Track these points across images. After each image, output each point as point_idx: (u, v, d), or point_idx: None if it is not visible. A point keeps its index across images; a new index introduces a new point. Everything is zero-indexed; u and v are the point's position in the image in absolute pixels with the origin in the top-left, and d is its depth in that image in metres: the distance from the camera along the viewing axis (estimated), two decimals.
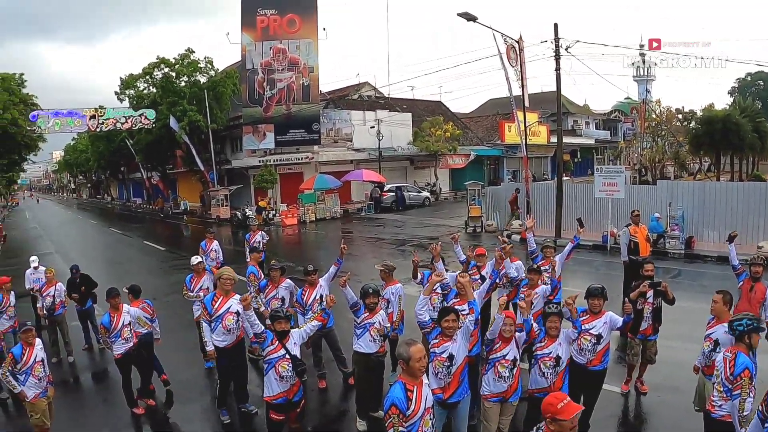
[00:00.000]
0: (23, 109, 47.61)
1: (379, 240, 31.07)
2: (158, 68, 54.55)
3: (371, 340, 9.22)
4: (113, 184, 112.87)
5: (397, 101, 59.74)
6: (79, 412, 11.30)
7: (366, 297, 9.14)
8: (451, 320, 7.31)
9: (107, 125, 47.21)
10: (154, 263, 28.39)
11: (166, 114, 50.03)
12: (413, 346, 5.87)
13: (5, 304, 12.73)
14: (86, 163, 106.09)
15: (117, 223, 56.52)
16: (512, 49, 27.38)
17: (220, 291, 9.96)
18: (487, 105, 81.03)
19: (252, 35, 48.22)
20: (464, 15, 25.14)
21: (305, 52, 48.44)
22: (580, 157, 72.58)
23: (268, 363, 8.01)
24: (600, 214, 25.79)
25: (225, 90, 52.59)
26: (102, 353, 14.48)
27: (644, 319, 9.89)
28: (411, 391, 5.85)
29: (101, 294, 14.49)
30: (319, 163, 50.01)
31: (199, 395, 11.46)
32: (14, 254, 34.12)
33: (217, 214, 49.16)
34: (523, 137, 29.87)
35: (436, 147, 53.17)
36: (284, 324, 8.12)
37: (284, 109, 48.26)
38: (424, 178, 57.82)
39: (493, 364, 7.69)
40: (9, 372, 8.82)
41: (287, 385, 7.97)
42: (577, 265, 19.92)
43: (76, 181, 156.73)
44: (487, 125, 68.54)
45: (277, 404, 8.07)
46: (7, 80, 48.90)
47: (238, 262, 18.76)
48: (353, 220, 42.78)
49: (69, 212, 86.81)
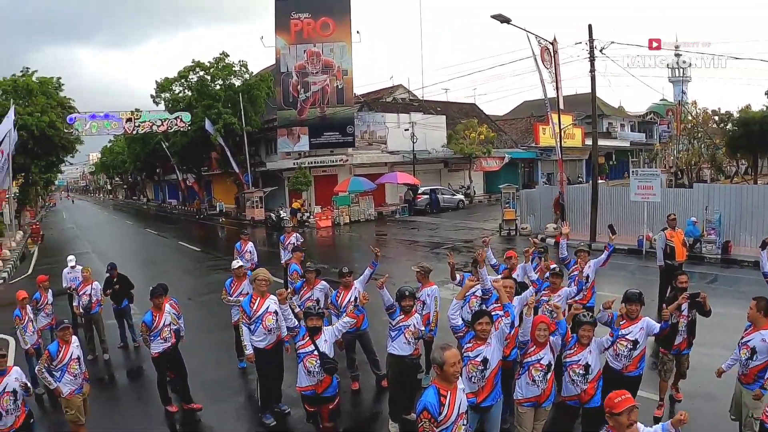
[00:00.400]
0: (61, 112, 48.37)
1: (413, 243, 30.99)
2: (193, 72, 54.90)
3: (406, 343, 9.18)
4: (149, 186, 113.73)
5: (431, 104, 59.57)
6: (114, 408, 11.42)
7: (402, 299, 9.14)
8: (485, 323, 7.28)
9: (143, 128, 47.70)
10: (190, 264, 28.56)
11: (202, 117, 50.32)
12: (448, 351, 5.83)
13: (43, 302, 12.95)
14: (122, 165, 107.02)
15: (153, 224, 57.07)
16: (546, 50, 27.19)
17: (256, 292, 9.98)
18: (521, 107, 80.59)
19: (286, 39, 48.47)
20: (498, 17, 25.00)
21: (339, 55, 48.56)
22: (615, 160, 72.06)
23: (298, 356, 8.31)
24: (635, 218, 25.46)
25: (259, 93, 52.76)
26: (137, 351, 14.67)
27: (679, 333, 9.49)
28: (444, 396, 5.81)
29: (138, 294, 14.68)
30: (353, 166, 50.06)
31: (233, 395, 11.51)
32: (51, 253, 34.62)
33: (252, 215, 49.37)
34: (557, 140, 29.63)
35: (471, 149, 53.03)
36: (315, 320, 8.31)
37: (318, 112, 48.44)
38: (458, 180, 57.64)
39: (527, 368, 7.62)
40: (45, 368, 8.92)
41: (315, 380, 8.22)
42: (612, 270, 19.65)
43: (113, 182, 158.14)
44: (522, 128, 68.19)
45: (306, 396, 8.39)
46: (45, 84, 49.74)
47: (272, 264, 18.85)
48: (387, 222, 42.75)
49: (105, 213, 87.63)
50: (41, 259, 33.43)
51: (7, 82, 48.19)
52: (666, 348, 9.62)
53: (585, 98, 41.46)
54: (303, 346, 8.27)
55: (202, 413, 10.67)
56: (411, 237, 33.28)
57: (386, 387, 10.50)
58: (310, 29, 48.20)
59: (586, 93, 36.74)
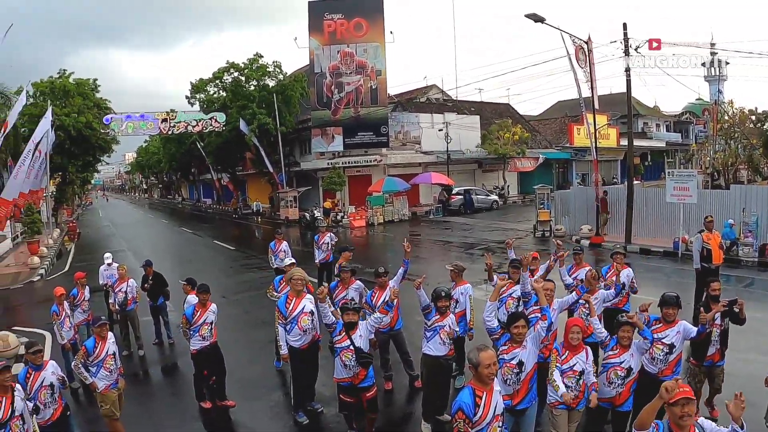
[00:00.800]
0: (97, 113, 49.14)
1: (447, 243, 30.89)
2: (228, 73, 55.42)
3: (441, 343, 9.13)
4: (184, 185, 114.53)
5: (465, 104, 59.41)
6: (148, 404, 11.51)
7: (438, 300, 9.08)
8: (521, 326, 7.25)
9: (179, 128, 48.18)
10: (224, 262, 28.72)
11: (236, 117, 50.70)
12: (484, 352, 5.82)
13: (80, 299, 13.07)
14: (158, 165, 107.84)
15: (187, 223, 57.52)
16: (581, 49, 26.94)
17: (292, 292, 9.95)
18: (555, 107, 79.98)
19: (319, 39, 48.68)
20: (532, 16, 24.85)
21: (372, 56, 48.66)
22: (650, 161, 71.34)
23: (335, 351, 8.53)
24: (671, 220, 25.15)
25: (293, 93, 53.03)
26: (171, 348, 14.82)
27: (711, 343, 8.99)
28: (480, 396, 5.79)
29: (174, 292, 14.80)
30: (387, 166, 50.09)
31: (267, 393, 11.52)
32: (88, 251, 35.00)
33: (286, 215, 49.58)
34: (592, 140, 29.37)
35: (505, 150, 52.86)
36: (352, 315, 8.53)
37: (352, 112, 48.56)
38: (492, 181, 57.49)
39: (561, 372, 7.55)
40: (82, 364, 9.02)
41: (351, 372, 8.42)
42: (648, 272, 19.48)
43: (148, 181, 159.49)
44: (556, 128, 67.86)
45: (343, 386, 8.62)
46: (82, 85, 50.54)
47: (306, 263, 18.91)
48: (421, 222, 42.62)
49: (140, 211, 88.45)
50: (78, 256, 33.77)
51: (44, 84, 48.97)
52: (698, 359, 9.15)
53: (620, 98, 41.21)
54: (340, 341, 8.46)
55: (235, 411, 10.71)
56: (445, 237, 33.19)
57: (419, 387, 10.47)
58: (343, 30, 48.40)
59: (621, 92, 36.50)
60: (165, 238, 45.06)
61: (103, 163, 68.05)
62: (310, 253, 20.80)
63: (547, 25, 25.15)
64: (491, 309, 7.89)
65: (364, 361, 8.39)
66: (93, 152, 53.39)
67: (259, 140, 51.19)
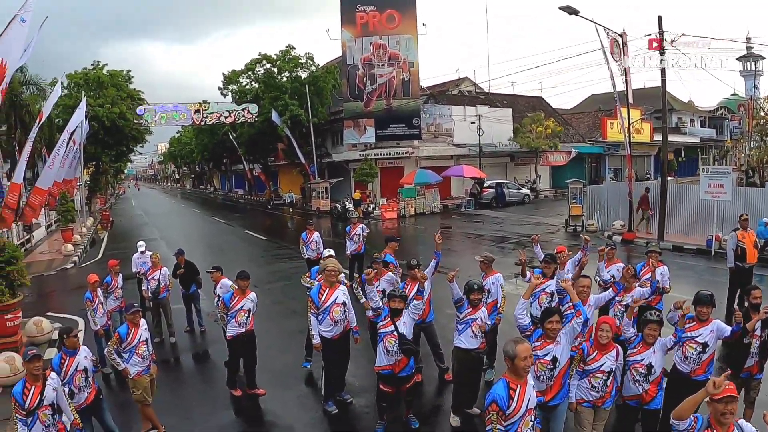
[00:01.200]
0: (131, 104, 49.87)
1: (478, 236, 30.77)
2: (260, 64, 55.54)
3: (472, 336, 9.11)
4: (216, 175, 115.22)
5: (498, 97, 59.10)
6: (179, 390, 11.64)
7: (471, 292, 9.08)
8: (555, 322, 7.19)
9: (211, 119, 48.62)
10: (256, 252, 28.84)
11: (269, 108, 50.88)
12: (520, 345, 5.80)
13: (113, 286, 13.18)
14: (190, 155, 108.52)
15: (219, 213, 57.87)
16: (615, 43, 26.70)
17: (325, 283, 9.96)
18: (588, 101, 79.40)
19: (352, 31, 48.75)
20: (566, 9, 24.61)
21: (405, 48, 48.63)
22: (684, 157, 70.61)
23: (378, 336, 8.68)
24: (705, 217, 24.70)
25: (326, 85, 53.11)
26: (203, 336, 14.97)
27: (750, 355, 8.54)
28: (514, 389, 5.76)
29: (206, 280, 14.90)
30: (419, 158, 50.09)
31: (296, 382, 11.57)
32: (120, 239, 35.42)
33: (318, 206, 49.67)
34: (626, 134, 29.10)
35: (537, 143, 52.59)
36: (398, 302, 8.67)
37: (385, 104, 48.58)
38: (524, 175, 57.25)
39: (587, 374, 7.47)
40: (114, 350, 9.11)
41: (393, 359, 8.52)
42: (681, 270, 19.20)
43: (180, 171, 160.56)
44: (589, 122, 67.21)
45: (384, 375, 8.70)
46: (116, 77, 51.26)
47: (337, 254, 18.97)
48: (452, 215, 42.54)
49: (173, 201, 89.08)
50: (111, 244, 34.12)
51: (79, 75, 49.66)
52: (735, 370, 8.48)
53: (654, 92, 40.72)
54: (384, 326, 8.63)
55: (264, 399, 10.76)
56: (476, 231, 33.05)
57: (450, 380, 10.49)
58: (375, 22, 48.40)
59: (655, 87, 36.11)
60: (197, 227, 45.43)
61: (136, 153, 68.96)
62: (342, 244, 20.84)
63: (581, 18, 24.95)
64: (523, 306, 7.86)
65: (407, 348, 8.48)
66: (126, 142, 54.12)
67: (291, 131, 51.35)
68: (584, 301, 8.76)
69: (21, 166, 24.02)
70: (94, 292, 12.07)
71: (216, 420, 10.20)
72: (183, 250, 15.61)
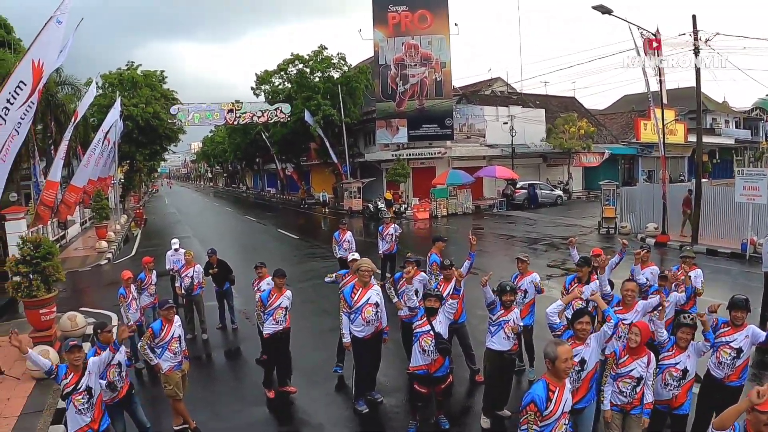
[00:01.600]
0: (164, 104, 50.39)
1: (510, 237, 30.58)
2: (292, 64, 55.80)
3: (505, 338, 9.08)
4: (248, 174, 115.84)
5: (530, 97, 58.97)
6: (210, 386, 11.72)
7: (503, 294, 9.06)
8: (585, 323, 7.14)
9: (244, 118, 48.94)
10: (288, 251, 28.92)
11: (301, 108, 51.04)
12: (561, 346, 5.80)
13: (147, 282, 13.33)
14: (223, 154, 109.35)
15: (252, 211, 58.13)
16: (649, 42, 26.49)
17: (359, 283, 10.01)
18: (621, 101, 78.84)
19: (384, 31, 48.79)
20: (599, 8, 24.44)
21: (437, 48, 48.63)
22: (718, 158, 69.93)
23: (414, 336, 8.66)
24: (739, 220, 24.34)
25: (358, 85, 53.13)
26: (235, 333, 15.15)
27: None
28: (553, 391, 5.74)
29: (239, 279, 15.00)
30: (451, 158, 50.06)
31: (327, 380, 11.57)
32: (154, 236, 35.90)
33: (350, 205, 49.73)
34: (660, 135, 28.82)
35: (570, 144, 52.36)
36: (434, 302, 8.67)
37: (417, 104, 48.58)
38: (556, 176, 56.95)
39: (616, 378, 7.38)
40: (147, 345, 9.24)
41: (428, 359, 8.53)
42: (714, 274, 18.92)
43: (213, 170, 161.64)
44: (622, 123, 66.79)
45: (418, 375, 8.70)
46: (149, 77, 51.92)
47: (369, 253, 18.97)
48: (485, 216, 42.35)
49: (206, 199, 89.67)
50: (144, 242, 34.48)
51: (113, 76, 50.34)
52: None
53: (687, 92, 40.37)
54: (420, 326, 8.64)
55: (295, 397, 10.81)
56: (508, 232, 32.88)
57: (481, 381, 10.45)
58: (407, 22, 48.41)
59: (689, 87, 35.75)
60: (230, 225, 45.67)
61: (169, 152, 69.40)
62: (374, 244, 20.88)
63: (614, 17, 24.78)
64: (558, 307, 7.83)
65: (443, 347, 8.49)
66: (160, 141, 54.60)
67: (323, 131, 51.51)
68: (631, 305, 8.70)
69: (57, 164, 24.36)
70: (127, 289, 12.25)
71: (246, 417, 10.27)
72: (215, 250, 15.71)
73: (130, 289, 12.32)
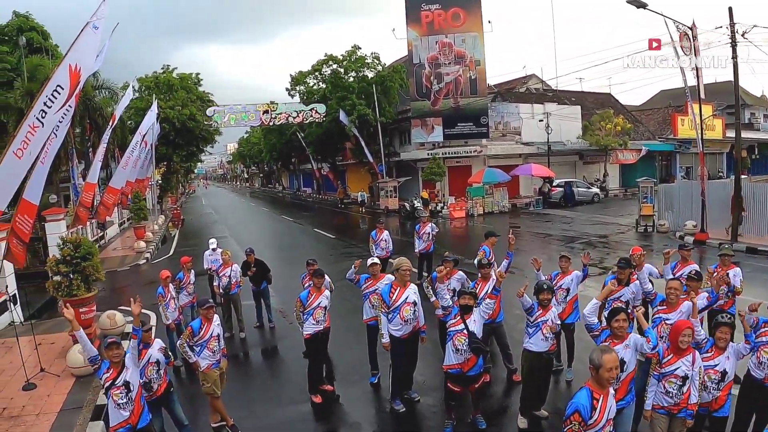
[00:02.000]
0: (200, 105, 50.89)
1: (547, 236, 30.39)
2: (327, 65, 56.16)
3: (543, 339, 8.99)
4: (284, 174, 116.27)
5: (566, 94, 58.43)
6: (247, 384, 11.82)
7: (540, 292, 9.03)
8: (622, 320, 7.12)
9: (279, 119, 49.48)
10: (324, 250, 28.98)
11: (336, 108, 51.31)
12: (607, 354, 5.76)
13: (186, 282, 13.55)
14: (259, 155, 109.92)
15: (288, 211, 58.41)
16: (685, 36, 26.16)
17: (397, 282, 10.03)
18: (657, 97, 77.95)
19: (417, 30, 48.75)
20: (634, 2, 24.25)
21: (471, 46, 48.48)
22: (758, 154, 68.85)
23: (448, 335, 8.61)
24: None
25: (392, 84, 53.26)
26: (272, 332, 15.26)
27: None
28: (597, 399, 5.73)
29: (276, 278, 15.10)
30: (487, 157, 49.80)
31: (363, 379, 11.57)
32: (191, 236, 36.22)
33: (386, 204, 49.68)
34: (698, 131, 28.43)
35: (606, 141, 51.86)
36: (468, 299, 8.63)
37: (452, 103, 48.48)
38: (593, 173, 56.37)
39: (660, 378, 7.23)
40: (186, 343, 9.34)
41: (462, 358, 8.49)
42: (755, 273, 18.55)
43: (249, 171, 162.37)
44: (659, 118, 65.87)
45: (452, 374, 8.68)
46: (185, 79, 52.63)
47: (406, 252, 18.94)
48: (521, 214, 42.15)
49: (242, 200, 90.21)
50: (182, 242, 34.82)
51: (150, 79, 51.10)
52: None
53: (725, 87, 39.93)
54: (454, 325, 8.59)
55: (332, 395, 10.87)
56: (545, 230, 32.69)
57: (518, 381, 10.41)
58: (441, 20, 48.35)
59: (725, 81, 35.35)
60: (266, 225, 46.03)
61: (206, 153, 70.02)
62: (410, 243, 20.91)
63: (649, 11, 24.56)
64: (595, 307, 7.73)
65: (476, 346, 8.44)
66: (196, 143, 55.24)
67: (358, 131, 51.70)
68: (675, 305, 8.56)
69: (95, 166, 24.70)
70: (166, 288, 12.42)
71: (282, 415, 10.34)
72: (253, 249, 15.84)
73: (168, 289, 12.51)
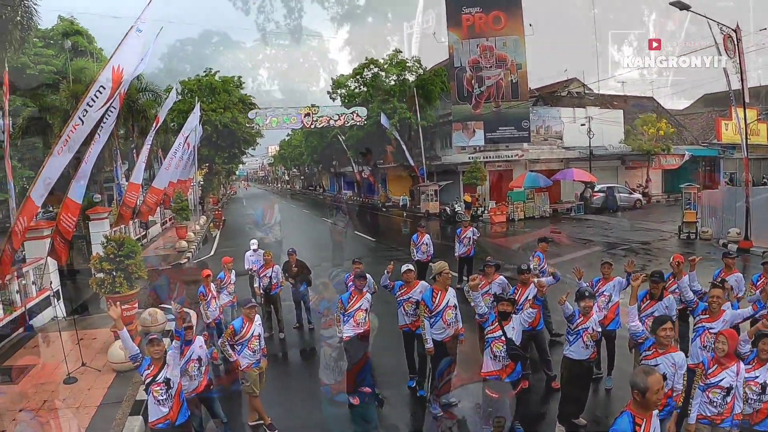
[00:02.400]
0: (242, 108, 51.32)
1: (588, 242, 30.10)
2: (368, 69, 56.29)
3: (583, 347, 8.92)
4: (325, 177, 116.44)
5: (607, 98, 58.08)
6: (286, 384, 11.98)
7: (581, 299, 8.95)
8: (668, 329, 7.06)
9: (321, 122, 49.83)
10: (364, 252, 29.03)
11: (377, 111, 51.42)
12: (652, 376, 5.29)
13: (227, 281, 13.73)
14: (300, 157, 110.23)
15: (329, 214, 58.65)
16: (729, 39, 25.87)
17: (438, 286, 10.06)
18: (700, 101, 76.93)
19: (458, 34, 48.69)
20: (676, 4, 24.11)
21: (512, 49, 48.30)
22: None
23: (486, 341, 8.61)
24: None
25: (434, 88, 53.19)
26: (311, 333, 15.36)
27: None
28: (639, 425, 5.28)
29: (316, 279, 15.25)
30: (528, 161, 49.63)
31: (400, 382, 11.61)
32: (232, 237, 36.53)
33: (427, 208, 49.61)
34: (743, 136, 28.04)
35: (649, 146, 51.32)
36: (506, 306, 8.62)
37: (493, 107, 48.31)
38: (635, 179, 55.82)
39: (705, 389, 7.14)
40: (228, 342, 9.47)
41: (500, 365, 8.46)
42: None
43: (290, 173, 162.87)
44: (702, 123, 64.99)
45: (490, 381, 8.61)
46: (227, 82, 53.35)
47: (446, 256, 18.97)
48: (562, 219, 41.85)
49: (282, 201, 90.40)
50: (222, 242, 35.20)
51: (192, 82, 51.81)
52: None
53: None
54: (492, 331, 8.56)
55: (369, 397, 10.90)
56: (586, 236, 32.43)
57: (557, 388, 10.39)
58: (482, 23, 48.23)
59: None
60: (307, 227, 46.09)
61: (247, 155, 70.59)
62: (450, 247, 20.87)
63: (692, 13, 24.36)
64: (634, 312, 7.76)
65: (515, 353, 8.40)
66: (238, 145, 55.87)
67: (399, 134, 51.70)
68: (717, 313, 8.48)
69: (139, 167, 25.05)
70: (207, 287, 12.59)
71: (319, 415, 10.45)
72: (295, 249, 15.96)
73: (209, 288, 12.69)
